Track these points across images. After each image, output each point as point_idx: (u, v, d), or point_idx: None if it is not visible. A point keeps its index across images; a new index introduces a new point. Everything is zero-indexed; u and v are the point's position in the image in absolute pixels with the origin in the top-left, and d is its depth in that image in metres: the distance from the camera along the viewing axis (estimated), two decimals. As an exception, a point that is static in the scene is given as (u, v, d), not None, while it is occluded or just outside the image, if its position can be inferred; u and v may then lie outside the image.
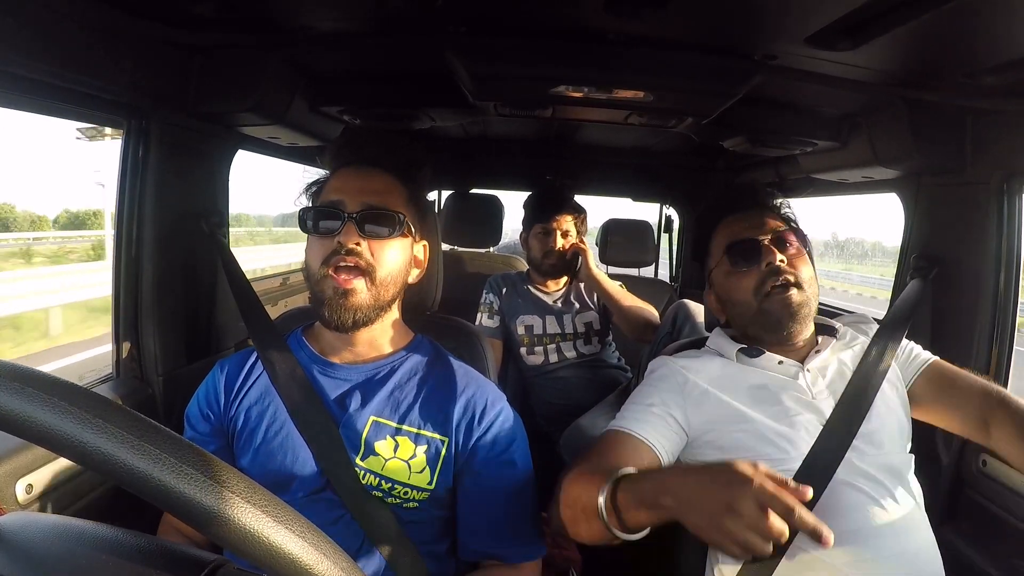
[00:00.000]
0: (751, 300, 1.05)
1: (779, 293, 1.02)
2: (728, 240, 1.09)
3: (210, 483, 0.37)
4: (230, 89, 1.18)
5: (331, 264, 0.88)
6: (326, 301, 0.88)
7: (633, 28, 1.03)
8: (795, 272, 1.03)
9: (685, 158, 2.40)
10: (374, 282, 0.89)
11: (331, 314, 0.88)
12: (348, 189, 0.92)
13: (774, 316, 1.03)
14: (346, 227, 0.88)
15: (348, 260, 0.87)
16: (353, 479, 0.86)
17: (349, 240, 0.88)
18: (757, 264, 1.04)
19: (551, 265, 2.02)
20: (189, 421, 0.98)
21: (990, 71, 1.00)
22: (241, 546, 0.37)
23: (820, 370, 1.04)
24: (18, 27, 0.81)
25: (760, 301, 1.04)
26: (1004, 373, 1.32)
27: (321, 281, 0.89)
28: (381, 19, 1.07)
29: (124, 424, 0.36)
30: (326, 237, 0.89)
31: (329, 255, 0.88)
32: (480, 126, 2.12)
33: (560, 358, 2.03)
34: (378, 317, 0.93)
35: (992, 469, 1.23)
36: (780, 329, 1.03)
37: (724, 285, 1.11)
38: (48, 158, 72.17)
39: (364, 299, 0.88)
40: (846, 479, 0.93)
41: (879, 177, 1.52)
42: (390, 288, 0.92)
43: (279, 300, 2.16)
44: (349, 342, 0.95)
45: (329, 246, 0.89)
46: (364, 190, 0.91)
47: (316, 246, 0.91)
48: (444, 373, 0.98)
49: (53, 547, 0.42)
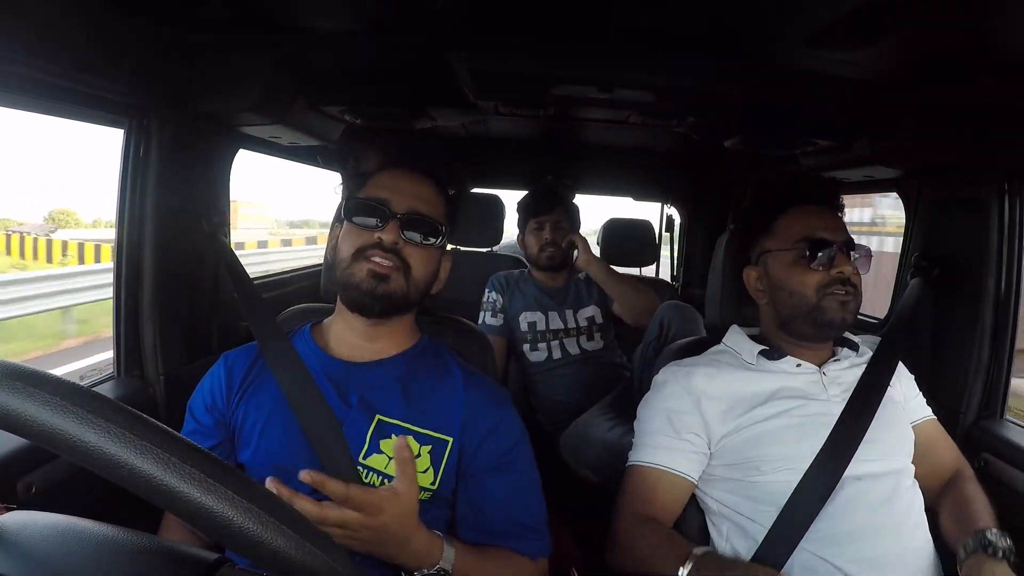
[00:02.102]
0: (811, 295, 1.03)
1: (840, 297, 1.02)
2: (805, 232, 1.06)
3: (207, 480, 0.37)
4: (231, 88, 1.18)
5: (365, 254, 0.89)
6: (356, 283, 0.89)
7: (633, 27, 1.03)
8: (855, 285, 1.03)
9: (686, 158, 2.40)
10: (408, 279, 0.91)
11: (362, 296, 0.89)
12: (398, 189, 0.93)
13: (828, 316, 1.02)
14: (390, 225, 0.90)
15: (387, 257, 0.89)
16: (355, 479, 0.86)
17: (390, 237, 0.89)
18: (828, 267, 1.03)
19: (548, 257, 2.04)
20: (192, 412, 0.97)
21: (991, 71, 0.99)
22: (239, 543, 0.37)
23: (835, 376, 1.05)
24: (17, 27, 0.81)
25: (820, 298, 1.02)
26: (1005, 372, 1.32)
27: (352, 265, 0.90)
28: (382, 18, 1.06)
29: (119, 421, 0.36)
30: (365, 230, 0.91)
31: (366, 247, 0.90)
32: (481, 125, 2.12)
33: (563, 354, 2.03)
34: (403, 312, 0.95)
35: (993, 469, 1.23)
36: (830, 329, 1.04)
37: (783, 272, 1.07)
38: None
39: (398, 288, 0.90)
40: (851, 481, 0.94)
41: (880, 177, 1.52)
42: (421, 290, 0.95)
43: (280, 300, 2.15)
44: (360, 336, 0.96)
45: (367, 238, 0.90)
46: (413, 195, 0.93)
47: (353, 235, 0.92)
48: (449, 373, 0.98)
49: (53, 546, 0.42)
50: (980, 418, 1.32)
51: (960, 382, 1.32)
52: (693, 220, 2.87)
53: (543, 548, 0.94)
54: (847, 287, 1.02)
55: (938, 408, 1.14)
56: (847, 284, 1.02)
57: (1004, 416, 1.33)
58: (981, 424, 1.31)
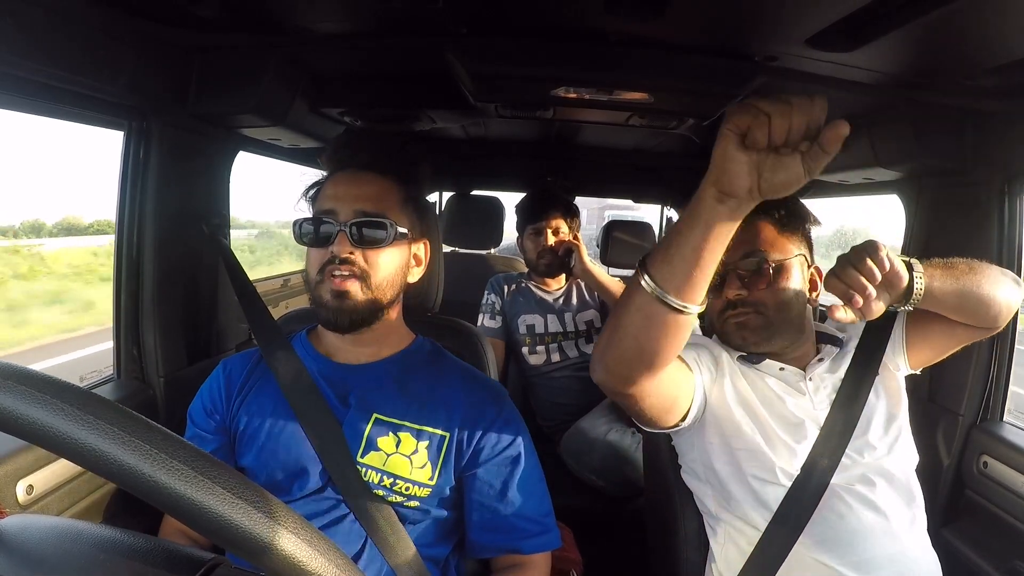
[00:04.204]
0: (717, 322, 1.06)
1: (735, 319, 1.02)
2: None
3: (204, 480, 0.37)
4: (230, 90, 1.18)
5: (326, 272, 0.89)
6: (324, 304, 0.90)
7: (634, 29, 1.03)
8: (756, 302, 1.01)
9: (686, 160, 2.40)
10: (369, 286, 0.90)
11: (329, 316, 0.90)
12: (341, 196, 0.92)
13: (733, 341, 1.04)
14: (339, 237, 0.89)
15: (343, 269, 0.89)
16: (355, 477, 0.87)
17: (342, 250, 0.88)
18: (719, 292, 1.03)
19: (546, 264, 2.04)
20: (192, 418, 0.98)
21: (991, 72, 1.00)
22: (237, 543, 0.37)
23: (821, 378, 1.04)
24: (17, 28, 0.81)
25: (721, 324, 1.04)
26: (1005, 373, 1.32)
27: (318, 286, 0.90)
28: (382, 20, 1.07)
29: (116, 421, 0.36)
30: (321, 247, 0.90)
31: (324, 264, 0.89)
32: (481, 127, 2.12)
33: (562, 357, 2.03)
34: (376, 318, 0.93)
35: (992, 470, 1.23)
36: (742, 350, 1.04)
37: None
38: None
39: (359, 301, 0.89)
40: (841, 483, 0.94)
41: (880, 179, 1.52)
42: (387, 291, 0.93)
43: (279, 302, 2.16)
44: (351, 343, 0.96)
45: (323, 255, 0.90)
46: (358, 197, 0.92)
47: (313, 255, 0.92)
48: (445, 371, 0.99)
49: (53, 548, 0.42)
50: (980, 420, 1.32)
51: (960, 384, 1.32)
52: None
53: (553, 540, 0.94)
54: (741, 307, 1.01)
55: (938, 409, 1.14)
56: (740, 304, 1.01)
57: (1004, 418, 1.33)
58: (981, 426, 1.31)
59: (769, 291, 1.00)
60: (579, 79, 1.16)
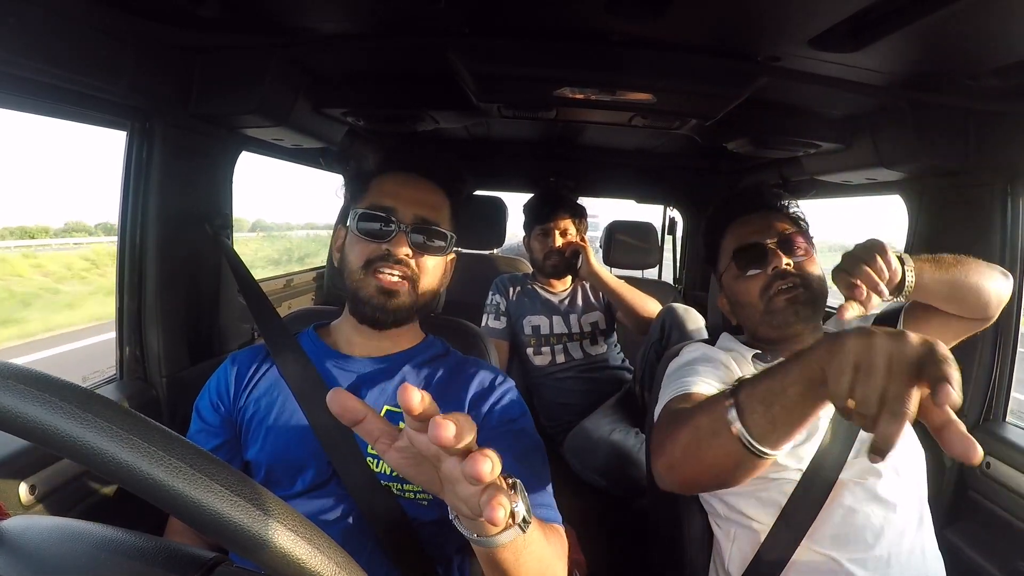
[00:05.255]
0: (757, 302, 1.05)
1: (785, 294, 1.02)
2: (735, 244, 1.10)
3: (202, 478, 0.37)
4: (233, 90, 1.18)
5: (373, 267, 0.90)
6: (366, 299, 0.91)
7: (636, 30, 1.03)
8: (802, 274, 1.03)
9: (689, 160, 2.40)
10: (416, 289, 0.92)
11: (370, 311, 0.91)
12: (402, 197, 0.93)
13: (780, 316, 1.03)
14: (398, 237, 0.91)
15: (395, 269, 0.90)
16: (362, 472, 0.86)
17: (400, 251, 0.90)
18: (763, 268, 1.04)
19: (553, 265, 2.04)
20: (198, 412, 0.98)
21: (994, 73, 0.99)
22: (235, 540, 0.37)
23: None
24: (19, 28, 0.81)
25: (766, 301, 1.04)
26: (1008, 374, 1.32)
27: (363, 280, 0.91)
28: (384, 20, 1.07)
29: (115, 419, 0.37)
30: (373, 241, 0.91)
31: (374, 259, 0.90)
32: (483, 128, 2.12)
33: (567, 358, 2.03)
34: (412, 319, 0.97)
35: (995, 471, 1.22)
36: (787, 327, 1.04)
37: (733, 289, 1.12)
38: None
39: (406, 302, 0.92)
40: (849, 479, 0.94)
41: (883, 179, 1.51)
42: (428, 296, 0.96)
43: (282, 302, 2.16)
44: (369, 337, 0.97)
45: (375, 250, 0.91)
46: (418, 201, 0.94)
47: (361, 247, 0.92)
48: (454, 364, 1.01)
49: (55, 549, 0.42)
50: (983, 420, 1.31)
51: (963, 384, 1.32)
52: (696, 222, 2.86)
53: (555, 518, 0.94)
54: (790, 279, 1.02)
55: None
56: (789, 276, 1.02)
57: (1007, 419, 1.32)
58: (984, 426, 1.30)
59: (809, 261, 1.04)
60: (581, 79, 1.16)
